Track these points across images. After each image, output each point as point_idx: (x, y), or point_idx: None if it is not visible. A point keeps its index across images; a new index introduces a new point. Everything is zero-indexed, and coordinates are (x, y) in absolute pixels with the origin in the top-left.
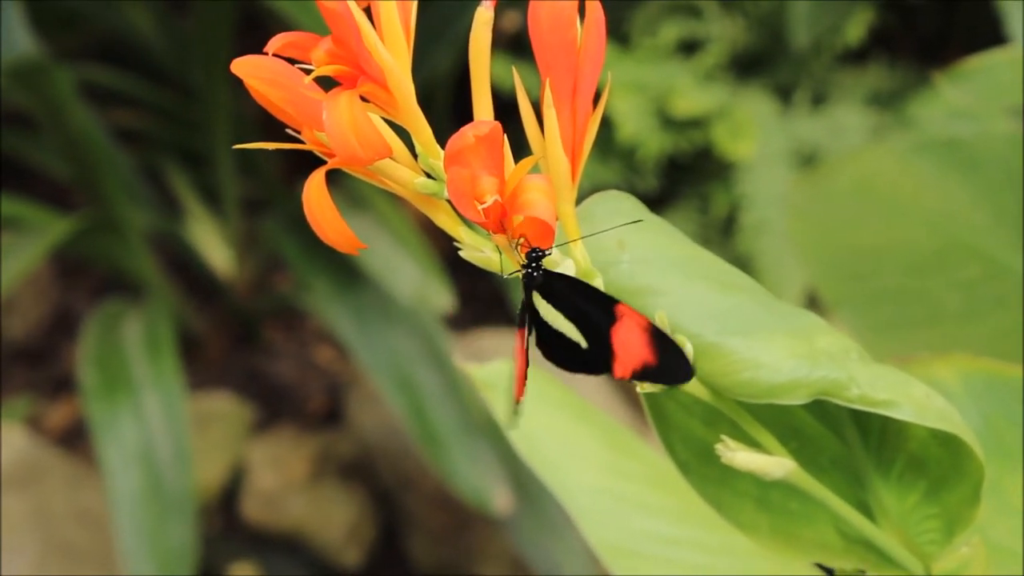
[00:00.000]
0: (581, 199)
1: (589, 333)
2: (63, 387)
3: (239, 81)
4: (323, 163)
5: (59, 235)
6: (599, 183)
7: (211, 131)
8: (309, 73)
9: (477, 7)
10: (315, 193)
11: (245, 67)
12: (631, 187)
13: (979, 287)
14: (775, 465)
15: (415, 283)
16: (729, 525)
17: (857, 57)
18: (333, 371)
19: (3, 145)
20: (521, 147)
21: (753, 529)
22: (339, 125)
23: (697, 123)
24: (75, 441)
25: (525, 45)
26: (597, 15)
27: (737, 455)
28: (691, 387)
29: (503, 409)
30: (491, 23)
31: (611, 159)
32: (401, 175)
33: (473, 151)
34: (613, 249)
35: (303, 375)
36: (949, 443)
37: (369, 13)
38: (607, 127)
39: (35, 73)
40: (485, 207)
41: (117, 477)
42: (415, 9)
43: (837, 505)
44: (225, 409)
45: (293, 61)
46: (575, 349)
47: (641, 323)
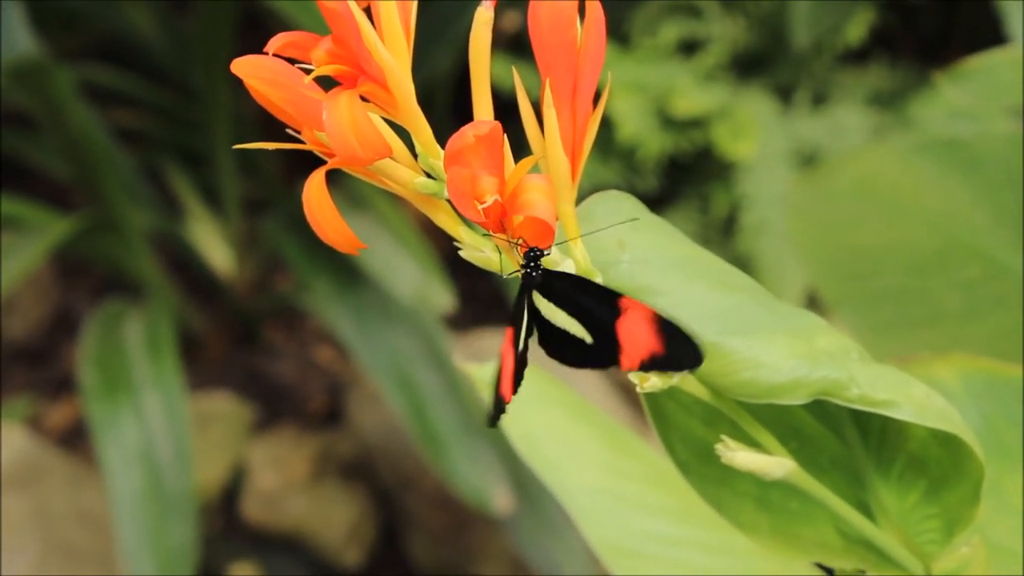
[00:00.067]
0: (581, 199)
1: (593, 328)
2: (63, 387)
3: (239, 81)
4: (323, 163)
5: (59, 235)
6: (599, 183)
7: (211, 131)
8: (309, 73)
9: (477, 7)
10: (315, 193)
11: (245, 67)
12: (631, 187)
13: (979, 287)
14: (775, 465)
15: (415, 283)
16: (729, 525)
17: (858, 57)
18: (333, 371)
19: (3, 145)
20: (521, 147)
21: (753, 529)
22: (339, 125)
23: (697, 123)
24: (75, 441)
25: (525, 45)
26: (597, 15)
27: (737, 455)
28: (691, 387)
29: (487, 408)
30: (491, 23)
31: (611, 159)
32: (401, 175)
33: (473, 151)
34: (613, 249)
35: (303, 375)
36: (949, 443)
37: (369, 13)
38: (607, 127)
39: (35, 73)
40: (485, 207)
41: (117, 477)
42: (415, 9)
43: (837, 505)
44: (225, 409)
45: (293, 61)
46: (579, 345)
47: (647, 314)
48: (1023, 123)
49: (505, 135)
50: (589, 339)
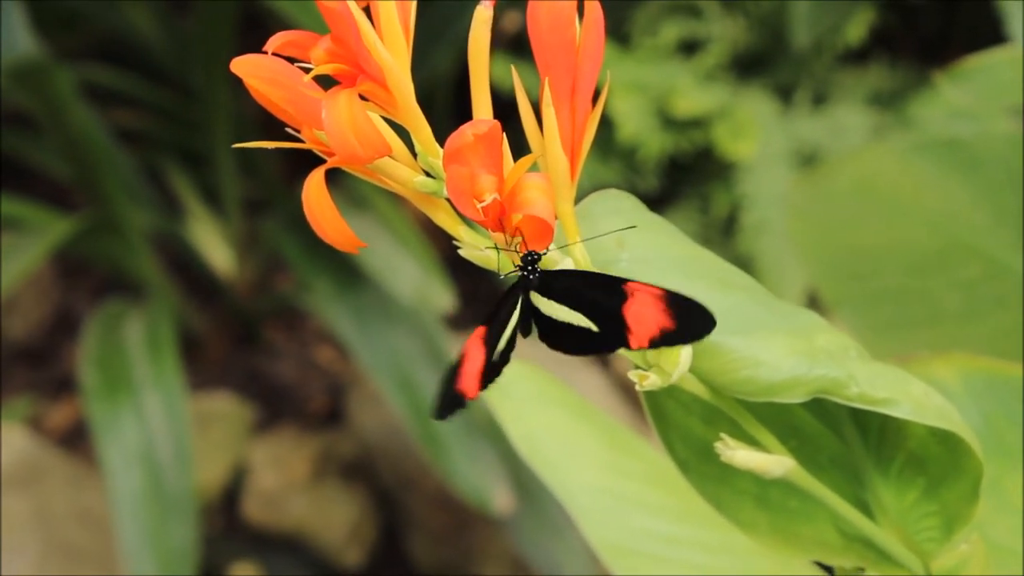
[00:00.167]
0: (582, 199)
1: (600, 317)
2: (64, 387)
3: (239, 81)
4: (323, 162)
5: (60, 235)
6: (600, 183)
7: (211, 131)
8: (309, 72)
9: (477, 7)
10: (315, 192)
11: (245, 66)
12: (632, 187)
13: (979, 287)
14: (774, 463)
15: (415, 283)
16: (729, 523)
17: (858, 57)
18: (334, 371)
19: (3, 145)
20: (521, 147)
21: (752, 527)
22: (338, 124)
23: (698, 123)
24: (76, 441)
25: (525, 45)
26: (596, 15)
27: (736, 453)
28: (691, 385)
29: (434, 400)
30: (491, 23)
31: (612, 159)
32: (400, 174)
33: (472, 149)
34: (612, 248)
35: (304, 375)
36: (948, 441)
37: (369, 12)
38: (607, 127)
39: (35, 73)
40: (484, 205)
41: (118, 477)
42: (415, 9)
43: (836, 503)
44: (226, 409)
45: (293, 60)
46: (584, 334)
47: (655, 292)
48: (1023, 123)
49: (504, 134)
50: (595, 328)
